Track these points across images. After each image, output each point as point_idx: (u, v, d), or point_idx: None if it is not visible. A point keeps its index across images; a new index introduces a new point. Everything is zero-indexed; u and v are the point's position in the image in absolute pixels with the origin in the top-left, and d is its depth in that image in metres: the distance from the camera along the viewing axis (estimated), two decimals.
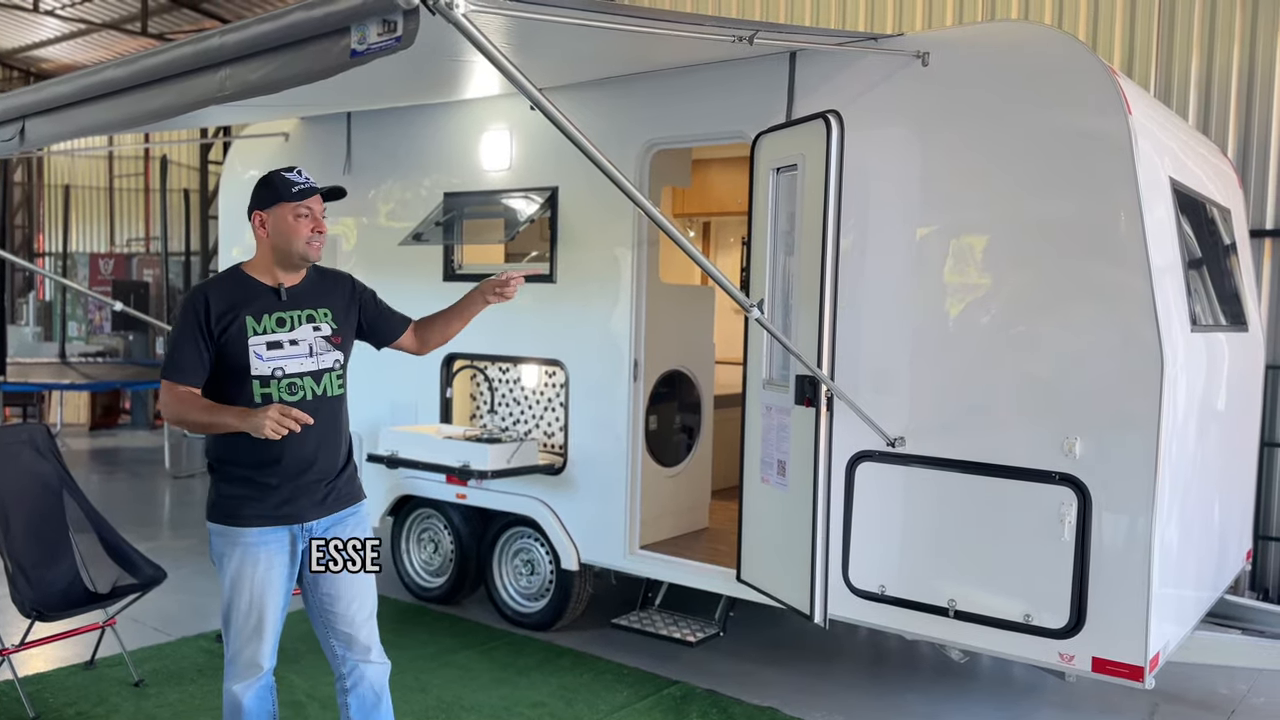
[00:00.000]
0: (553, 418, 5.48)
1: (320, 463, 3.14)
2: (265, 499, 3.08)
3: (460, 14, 2.25)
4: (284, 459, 3.06)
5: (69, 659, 4.89)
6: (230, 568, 3.10)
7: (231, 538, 3.09)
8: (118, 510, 8.32)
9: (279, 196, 3.09)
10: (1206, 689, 4.95)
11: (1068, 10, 6.99)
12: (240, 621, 3.11)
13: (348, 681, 3.25)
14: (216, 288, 3.11)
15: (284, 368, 3.07)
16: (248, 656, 3.14)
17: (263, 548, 3.09)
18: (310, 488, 3.13)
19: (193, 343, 3.02)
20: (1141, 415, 3.67)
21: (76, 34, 14.68)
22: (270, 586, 3.10)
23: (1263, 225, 6.42)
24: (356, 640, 3.22)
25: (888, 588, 4.19)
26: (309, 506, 3.13)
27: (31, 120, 3.49)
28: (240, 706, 3.16)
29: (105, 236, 16.46)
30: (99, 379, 11.71)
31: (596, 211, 5.05)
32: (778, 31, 3.74)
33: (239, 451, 3.07)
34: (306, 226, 3.08)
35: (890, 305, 4.18)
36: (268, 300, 3.09)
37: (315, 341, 3.14)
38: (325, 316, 3.18)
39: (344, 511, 3.23)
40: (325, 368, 3.15)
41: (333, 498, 3.19)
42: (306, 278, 3.21)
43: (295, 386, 3.08)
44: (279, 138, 6.44)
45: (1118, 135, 3.71)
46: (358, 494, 3.30)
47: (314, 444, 3.11)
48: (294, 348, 3.10)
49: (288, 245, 3.09)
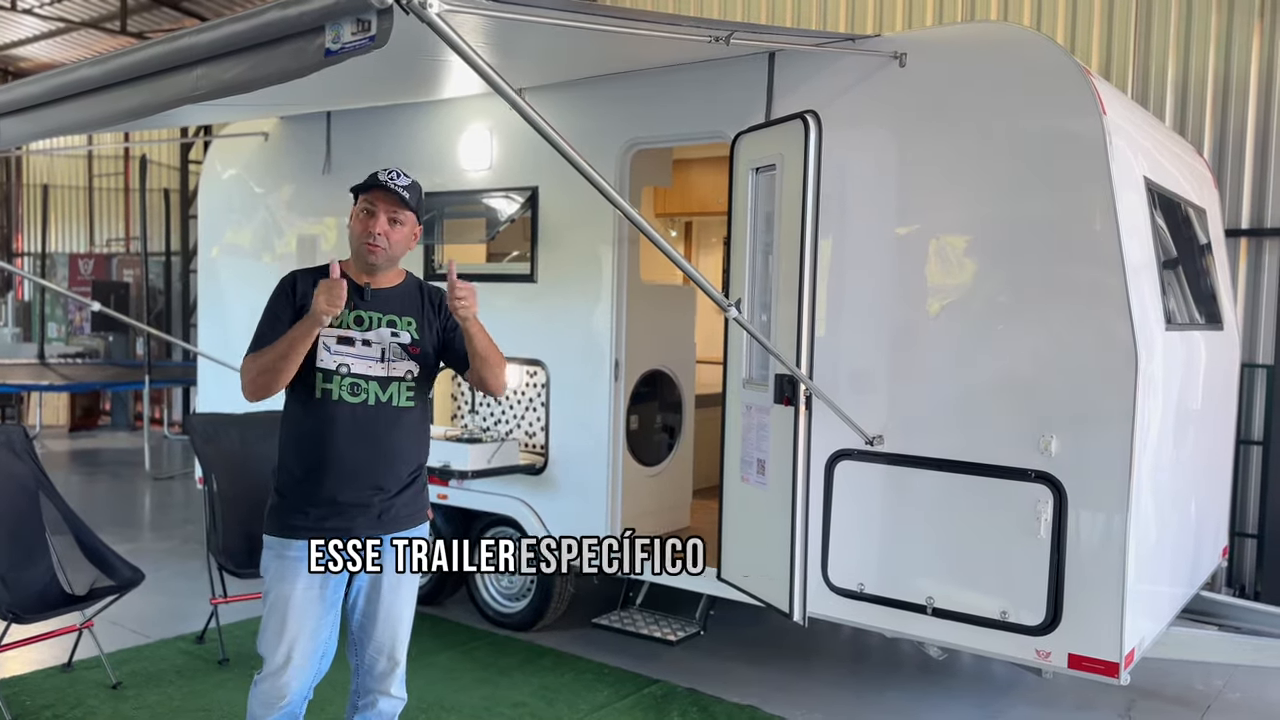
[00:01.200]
0: (534, 418, 5.48)
1: (376, 474, 2.94)
2: (307, 505, 2.91)
3: (434, 13, 2.25)
4: (333, 459, 2.89)
5: (46, 661, 4.85)
6: (271, 583, 2.94)
7: (276, 549, 2.94)
8: (98, 512, 8.27)
9: (357, 190, 2.97)
10: (1183, 684, 5.00)
11: (1046, 12, 7.04)
12: (270, 640, 2.94)
13: (361, 701, 3.16)
14: (307, 275, 3.01)
15: (350, 365, 2.92)
16: (271, 686, 2.96)
17: (302, 563, 2.89)
18: (364, 500, 2.93)
19: (278, 317, 2.92)
20: (1116, 413, 3.70)
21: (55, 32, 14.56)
22: (307, 610, 2.92)
23: (1238, 225, 6.48)
24: (377, 668, 3.09)
25: (866, 585, 4.21)
26: (362, 522, 2.93)
27: (4, 120, 3.46)
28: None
29: (85, 236, 16.34)
30: (79, 380, 11.63)
31: (577, 211, 5.05)
32: (754, 32, 3.75)
33: (289, 444, 2.96)
34: (363, 224, 2.94)
35: (869, 304, 4.20)
36: (352, 297, 2.93)
37: (390, 347, 2.97)
38: (409, 326, 3.01)
39: (400, 533, 3.02)
40: (396, 376, 2.97)
41: (390, 516, 2.99)
42: (403, 284, 3.06)
43: (359, 388, 2.93)
44: (258, 137, 6.42)
45: (1092, 135, 3.74)
46: (419, 516, 3.10)
47: (367, 452, 2.93)
48: (366, 348, 2.94)
49: (351, 240, 3.00)
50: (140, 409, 12.15)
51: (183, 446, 11.58)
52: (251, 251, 6.50)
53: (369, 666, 3.10)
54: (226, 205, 6.72)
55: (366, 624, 3.08)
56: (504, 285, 5.38)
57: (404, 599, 3.10)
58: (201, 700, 4.49)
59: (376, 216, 2.92)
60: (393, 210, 2.94)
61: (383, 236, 2.93)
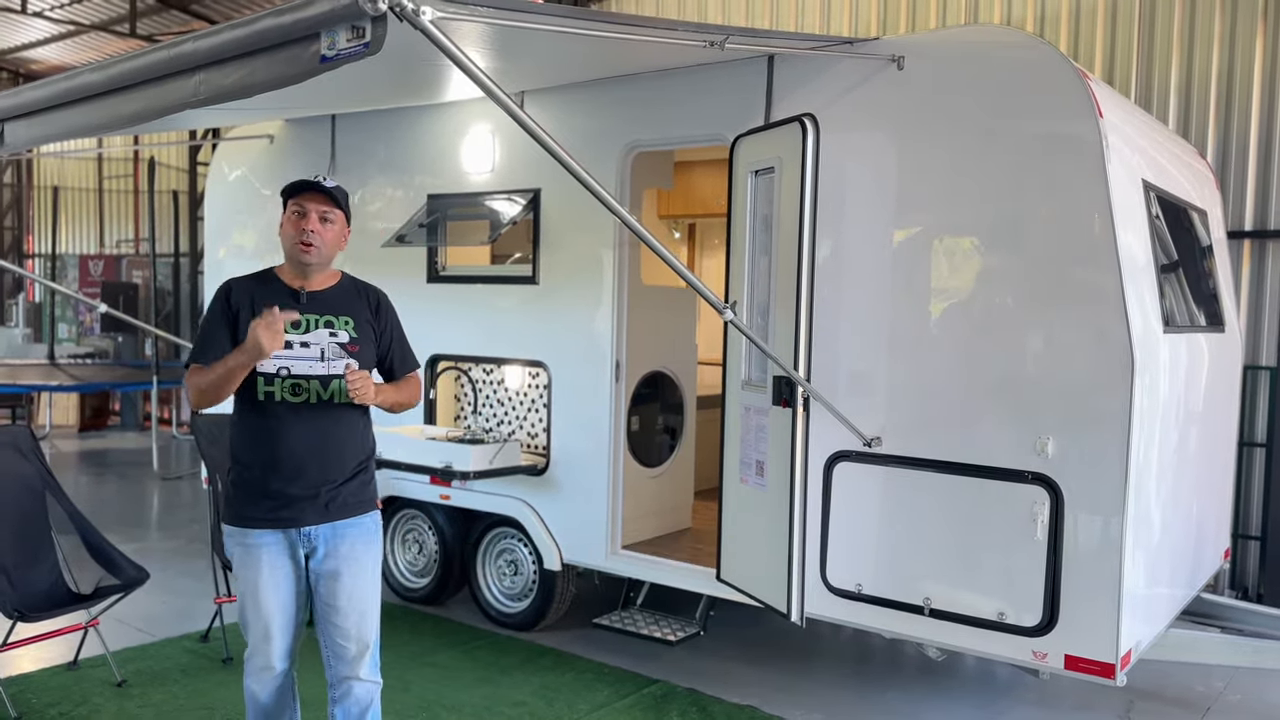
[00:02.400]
0: (536, 419, 5.51)
1: (322, 467, 3.10)
2: (263, 500, 3.08)
3: (427, 20, 2.29)
4: (282, 455, 3.06)
5: (52, 659, 4.90)
6: (237, 569, 3.16)
7: (236, 538, 3.14)
8: (105, 512, 8.33)
9: (284, 194, 3.12)
10: (1183, 686, 5.00)
11: (1049, 15, 7.04)
12: (250, 623, 3.16)
13: (336, 692, 3.24)
14: (241, 283, 3.15)
15: (290, 368, 3.06)
16: (260, 659, 3.18)
17: (263, 550, 3.09)
18: (306, 490, 3.08)
19: (216, 329, 3.06)
20: (1112, 415, 3.71)
21: (66, 35, 14.66)
22: (275, 589, 3.11)
23: (1241, 227, 6.47)
24: (348, 653, 3.19)
25: (864, 586, 4.23)
26: (307, 511, 3.09)
27: (11, 124, 3.51)
28: (258, 703, 3.22)
29: (95, 238, 16.44)
30: (88, 380, 11.71)
31: (579, 213, 5.08)
32: (750, 36, 3.77)
33: (241, 445, 3.13)
34: (294, 225, 3.08)
35: (866, 306, 4.22)
36: (285, 301, 3.06)
37: (329, 347, 3.11)
38: (346, 325, 3.15)
39: (347, 520, 3.16)
40: (336, 374, 3.10)
41: (336, 505, 3.13)
42: (339, 284, 3.21)
43: (300, 388, 3.07)
44: (264, 140, 6.46)
45: (1089, 138, 3.75)
46: (367, 504, 3.22)
47: (314, 445, 3.08)
48: (304, 350, 3.07)
49: (284, 244, 3.13)
50: (149, 409, 12.21)
51: (190, 447, 11.64)
52: (257, 253, 6.54)
53: (339, 653, 3.20)
54: (232, 207, 6.77)
55: (331, 612, 3.18)
56: (506, 287, 5.41)
57: (367, 582, 3.20)
58: (205, 698, 4.53)
59: (308, 216, 3.07)
60: (323, 209, 3.09)
61: (316, 235, 3.07)
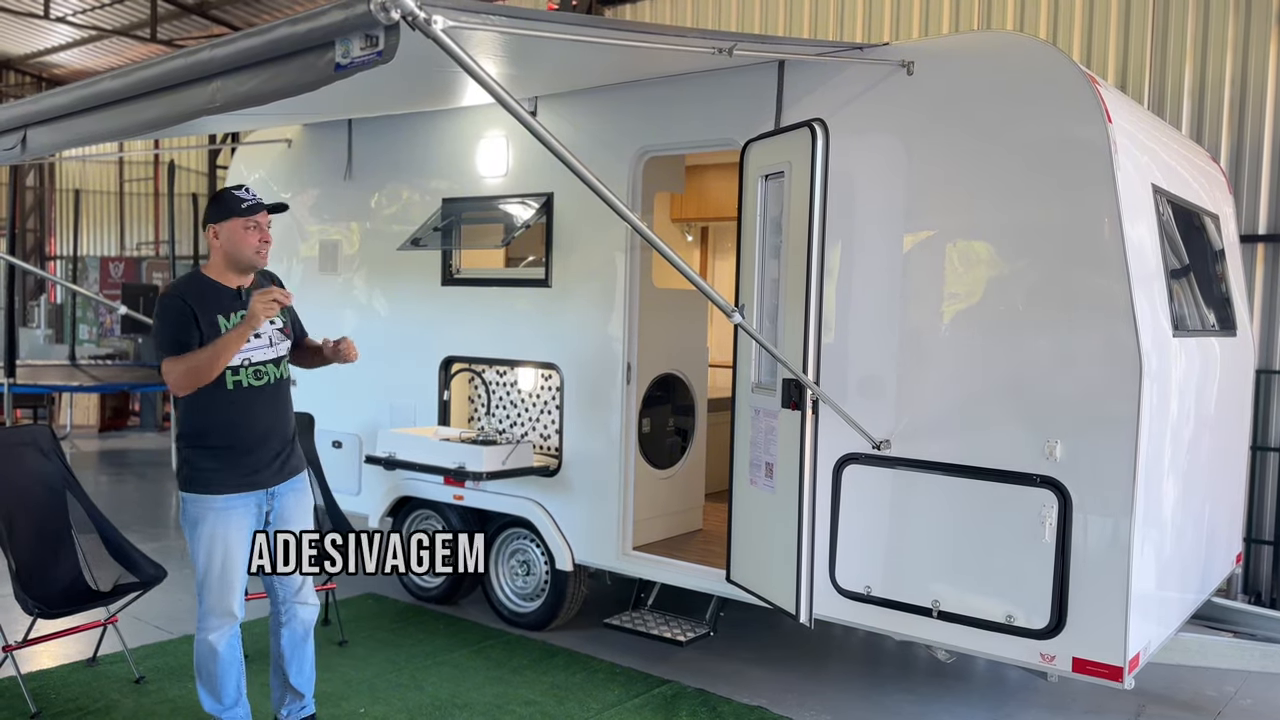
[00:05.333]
0: (548, 420, 5.56)
1: (278, 436, 3.70)
2: (236, 468, 3.59)
3: (439, 29, 2.33)
4: (252, 432, 3.60)
5: (71, 656, 4.98)
6: (204, 531, 3.57)
7: (206, 504, 3.57)
8: (125, 511, 8.44)
9: (230, 211, 3.56)
10: (1194, 690, 5.00)
11: (1063, 19, 7.05)
12: (215, 577, 3.59)
13: (282, 617, 3.82)
14: (190, 289, 3.56)
15: (250, 358, 3.61)
16: (224, 606, 3.62)
17: (234, 511, 3.59)
18: (270, 458, 3.67)
19: (185, 327, 3.47)
20: (1120, 418, 3.72)
21: (87, 40, 14.84)
22: (240, 544, 3.61)
23: (1255, 231, 6.46)
24: (294, 583, 3.80)
25: (873, 588, 4.25)
26: (270, 474, 3.68)
27: (32, 130, 3.59)
28: (216, 653, 3.64)
29: (115, 240, 16.62)
30: (108, 381, 11.83)
31: (591, 217, 5.12)
32: (758, 42, 3.81)
33: (211, 428, 3.57)
34: (254, 237, 3.59)
35: (875, 310, 4.24)
36: (231, 300, 3.60)
37: (273, 334, 3.70)
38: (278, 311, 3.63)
39: (294, 479, 3.79)
40: (281, 355, 3.73)
41: (288, 468, 3.75)
42: (256, 280, 3.74)
43: (260, 373, 3.64)
44: (282, 144, 6.54)
45: (1097, 143, 3.77)
46: (302, 465, 3.86)
47: (273, 419, 3.68)
48: (257, 340, 3.61)
49: (239, 253, 3.59)
50: (168, 410, 12.34)
51: None
52: (274, 255, 6.61)
53: (287, 584, 3.80)
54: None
55: None
56: (520, 290, 5.46)
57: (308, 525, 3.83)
58: None
59: (261, 229, 3.62)
60: (266, 221, 3.65)
61: (267, 244, 3.66)
